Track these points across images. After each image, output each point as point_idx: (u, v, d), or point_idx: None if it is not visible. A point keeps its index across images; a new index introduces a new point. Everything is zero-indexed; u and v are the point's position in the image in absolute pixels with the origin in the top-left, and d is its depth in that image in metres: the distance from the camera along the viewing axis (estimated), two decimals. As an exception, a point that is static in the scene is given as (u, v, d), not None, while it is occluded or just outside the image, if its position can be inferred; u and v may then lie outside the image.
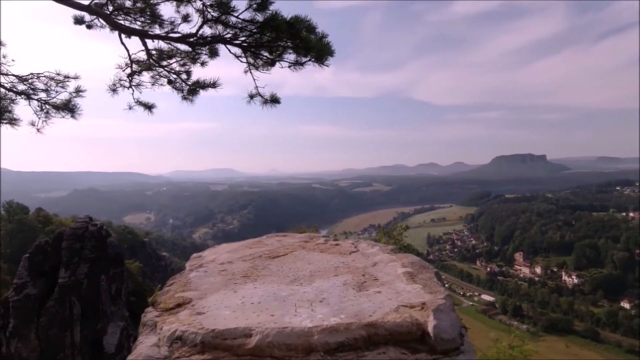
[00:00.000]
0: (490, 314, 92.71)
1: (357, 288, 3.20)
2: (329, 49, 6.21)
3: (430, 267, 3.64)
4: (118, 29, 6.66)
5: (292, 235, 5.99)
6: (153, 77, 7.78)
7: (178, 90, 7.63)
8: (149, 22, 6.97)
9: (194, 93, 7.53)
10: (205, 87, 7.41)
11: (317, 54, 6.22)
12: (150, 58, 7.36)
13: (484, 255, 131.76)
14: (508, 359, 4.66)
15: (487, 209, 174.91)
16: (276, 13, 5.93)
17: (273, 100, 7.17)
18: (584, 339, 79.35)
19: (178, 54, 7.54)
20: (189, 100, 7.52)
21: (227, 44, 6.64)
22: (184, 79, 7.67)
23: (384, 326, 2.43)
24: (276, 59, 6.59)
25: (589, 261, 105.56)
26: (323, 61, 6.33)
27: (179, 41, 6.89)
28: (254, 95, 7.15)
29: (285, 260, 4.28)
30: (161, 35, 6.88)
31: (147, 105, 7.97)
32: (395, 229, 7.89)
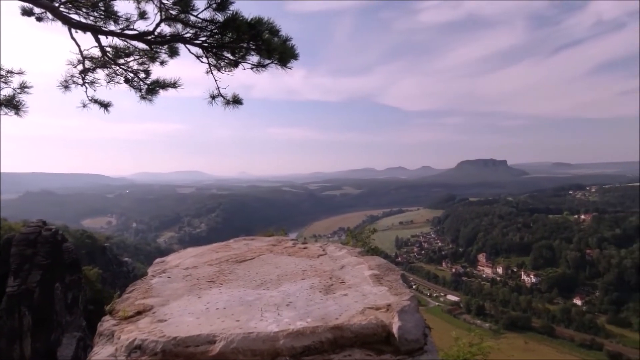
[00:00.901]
0: (455, 313, 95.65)
1: (324, 291, 3.20)
2: (293, 51, 6.23)
3: (396, 269, 3.71)
4: (67, 23, 6.29)
5: (260, 238, 5.93)
6: (109, 74, 7.48)
7: (136, 89, 7.37)
8: (102, 17, 6.66)
9: (153, 93, 7.30)
10: (165, 87, 7.21)
11: (280, 56, 6.21)
12: (104, 55, 7.04)
13: (449, 256, 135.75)
14: (467, 357, 4.85)
15: (452, 211, 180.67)
16: (236, 13, 5.86)
17: (235, 101, 7.09)
18: (541, 335, 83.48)
19: (136, 52, 7.27)
20: (147, 99, 7.29)
21: (187, 43, 6.48)
22: (142, 77, 7.42)
23: (349, 328, 2.44)
24: (239, 60, 6.53)
25: (546, 261, 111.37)
26: (286, 64, 6.35)
27: (135, 39, 6.62)
28: (216, 96, 7.05)
29: (253, 264, 4.22)
30: (115, 32, 6.58)
31: (102, 103, 7.65)
32: (363, 232, 7.99)
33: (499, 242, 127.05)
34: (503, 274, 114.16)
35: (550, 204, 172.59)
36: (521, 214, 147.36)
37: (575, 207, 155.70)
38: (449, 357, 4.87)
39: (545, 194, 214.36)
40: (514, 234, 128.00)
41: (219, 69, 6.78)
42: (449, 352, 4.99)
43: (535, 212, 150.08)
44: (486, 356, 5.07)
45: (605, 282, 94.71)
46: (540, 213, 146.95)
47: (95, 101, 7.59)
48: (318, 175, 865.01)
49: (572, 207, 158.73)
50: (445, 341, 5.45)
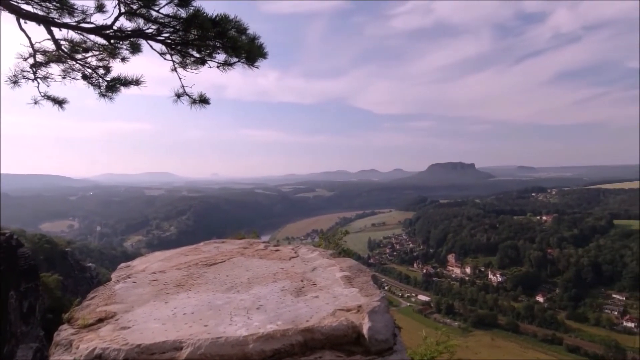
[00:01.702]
0: (426, 313, 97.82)
1: (295, 293, 3.18)
2: (261, 50, 6.18)
3: (367, 271, 3.74)
4: (15, 13, 5.86)
5: (232, 241, 5.82)
6: (65, 70, 7.06)
7: (95, 86, 7.00)
8: (56, 8, 6.22)
9: (113, 90, 6.96)
10: (127, 85, 6.87)
11: (247, 55, 6.13)
12: (59, 49, 6.64)
13: (420, 257, 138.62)
14: (434, 355, 4.97)
15: (423, 213, 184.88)
16: (199, 10, 5.71)
17: (202, 100, 6.93)
18: (507, 332, 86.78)
19: (95, 47, 6.91)
20: (107, 97, 6.96)
21: (149, 39, 6.24)
22: (102, 74, 7.06)
23: (320, 330, 2.44)
24: (206, 58, 6.39)
25: (511, 260, 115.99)
26: (254, 63, 6.29)
27: (92, 32, 6.29)
28: (181, 95, 6.86)
29: (223, 267, 4.14)
30: (70, 25, 6.20)
31: (56, 100, 7.22)
32: (336, 234, 8.02)
33: (468, 243, 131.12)
34: (471, 274, 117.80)
35: (515, 205, 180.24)
36: (488, 216, 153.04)
37: (537, 209, 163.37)
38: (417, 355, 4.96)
39: (510, 196, 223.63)
40: (482, 234, 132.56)
41: (185, 67, 6.60)
42: (416, 350, 5.09)
43: (501, 213, 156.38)
44: (452, 354, 5.22)
45: (564, 279, 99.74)
46: (506, 214, 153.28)
47: (49, 97, 7.14)
48: (291, 178, 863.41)
49: (535, 208, 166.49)
50: (415, 340, 5.56)
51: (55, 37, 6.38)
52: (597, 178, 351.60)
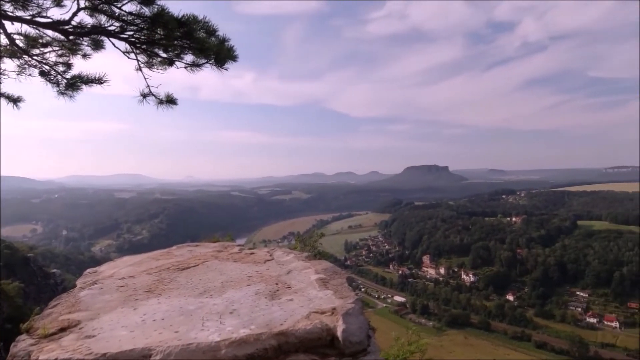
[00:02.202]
0: (402, 313, 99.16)
1: (269, 297, 3.15)
2: (230, 52, 6.10)
3: (342, 273, 3.75)
4: None
5: (206, 244, 5.71)
6: (20, 66, 6.64)
7: (53, 83, 6.63)
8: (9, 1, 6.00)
9: (73, 88, 6.59)
10: (89, 83, 6.52)
11: (216, 56, 6.03)
12: (13, 44, 6.25)
13: (396, 259, 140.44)
14: (406, 355, 5.05)
15: (399, 215, 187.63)
16: (163, 9, 5.53)
17: (169, 101, 6.75)
18: (479, 330, 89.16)
19: (55, 43, 6.57)
20: (67, 95, 6.59)
21: (112, 37, 6.00)
22: (61, 71, 6.71)
23: (294, 334, 2.42)
24: (174, 58, 6.24)
25: (483, 261, 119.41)
26: (223, 64, 6.21)
27: (48, 27, 5.96)
28: (147, 95, 6.67)
29: (196, 271, 4.04)
30: (24, 19, 5.83)
31: (11, 97, 6.81)
32: (311, 237, 8.01)
33: (442, 244, 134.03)
34: (445, 274, 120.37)
35: (487, 207, 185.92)
36: (461, 217, 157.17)
37: (507, 211, 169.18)
38: (389, 356, 5.02)
39: (482, 198, 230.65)
40: (455, 236, 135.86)
41: (151, 67, 6.40)
42: (389, 351, 5.14)
43: (473, 215, 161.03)
44: (423, 353, 5.32)
45: (532, 278, 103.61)
46: (478, 216, 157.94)
47: (2, 95, 6.74)
48: (268, 180, 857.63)
49: (505, 210, 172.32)
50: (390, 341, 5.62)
51: (7, 31, 6.01)
52: (562, 181, 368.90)
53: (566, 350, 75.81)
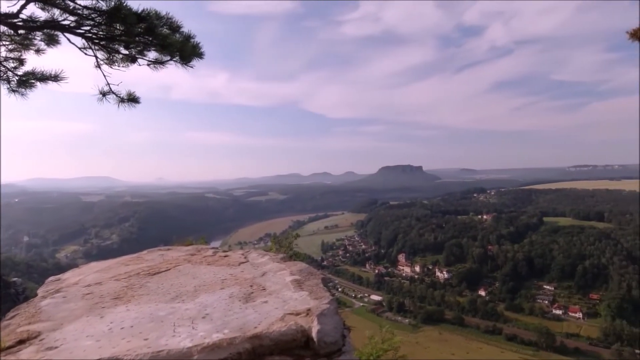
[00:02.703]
0: (379, 312, 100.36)
1: (244, 300, 3.10)
2: (196, 49, 5.94)
3: (317, 273, 3.74)
4: None
5: (178, 248, 5.57)
6: None
7: (3, 80, 6.21)
8: None
9: (26, 85, 6.20)
10: (44, 80, 6.15)
11: (181, 53, 5.87)
12: None
13: (372, 258, 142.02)
14: (380, 354, 5.11)
15: (374, 215, 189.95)
16: (121, 3, 5.29)
17: (131, 99, 6.48)
18: (453, 326, 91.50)
19: (4, 37, 6.13)
20: (19, 93, 6.17)
21: (67, 32, 5.67)
22: (12, 67, 6.29)
23: (269, 336, 2.39)
24: (136, 55, 6.01)
25: (456, 258, 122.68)
26: (188, 62, 6.06)
27: None
28: (107, 93, 6.39)
29: (167, 276, 3.93)
30: None
31: None
32: (287, 238, 7.96)
33: (417, 243, 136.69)
34: (420, 272, 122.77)
35: (459, 206, 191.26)
36: (435, 216, 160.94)
37: (479, 209, 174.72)
38: (363, 355, 5.07)
39: (455, 197, 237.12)
40: (429, 234, 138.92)
41: (112, 64, 6.12)
42: (363, 350, 5.19)
43: (446, 213, 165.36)
44: (397, 351, 5.41)
45: (503, 273, 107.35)
46: (451, 215, 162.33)
47: None
48: (243, 181, 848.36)
49: (477, 208, 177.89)
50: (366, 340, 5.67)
51: None
52: (529, 179, 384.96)
53: (534, 341, 79.06)
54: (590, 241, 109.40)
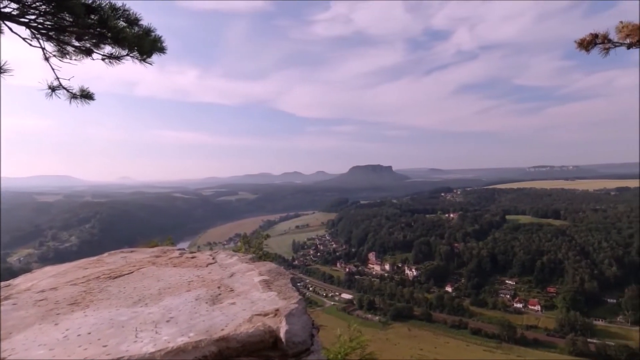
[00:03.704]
0: (349, 310, 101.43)
1: (211, 302, 3.02)
2: (156, 44, 5.66)
3: (286, 273, 3.71)
4: None
5: (142, 250, 5.36)
6: None
7: None
8: None
9: None
10: None
11: (139, 48, 5.58)
12: None
13: (343, 257, 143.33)
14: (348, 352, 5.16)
15: (345, 214, 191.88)
16: None
17: (85, 95, 6.10)
18: (422, 322, 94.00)
19: None
20: None
21: (7, 20, 5.17)
22: None
23: (236, 338, 2.34)
24: (91, 48, 5.65)
25: (424, 255, 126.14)
26: (148, 57, 5.80)
27: None
28: (56, 88, 6.00)
29: (130, 279, 3.76)
30: None
31: None
32: (257, 238, 7.87)
33: (386, 241, 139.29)
34: (390, 270, 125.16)
35: (427, 205, 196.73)
36: (404, 215, 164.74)
37: (446, 208, 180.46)
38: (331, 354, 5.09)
39: (423, 196, 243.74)
40: (399, 232, 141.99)
41: (64, 57, 5.74)
42: (331, 349, 5.22)
43: (415, 212, 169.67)
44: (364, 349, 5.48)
45: (468, 270, 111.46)
46: (420, 213, 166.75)
47: None
48: (212, 181, 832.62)
49: (444, 207, 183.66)
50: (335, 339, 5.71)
51: None
52: (493, 179, 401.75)
53: (497, 334, 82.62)
54: (548, 238, 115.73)
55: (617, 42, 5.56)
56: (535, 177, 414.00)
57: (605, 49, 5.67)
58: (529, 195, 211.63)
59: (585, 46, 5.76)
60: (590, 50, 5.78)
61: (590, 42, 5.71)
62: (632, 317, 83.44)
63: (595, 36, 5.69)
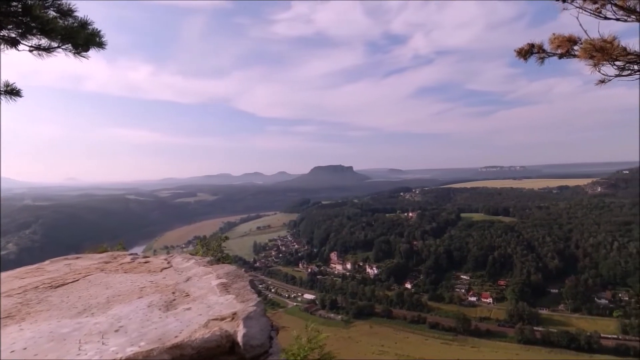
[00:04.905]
0: (312, 310, 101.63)
1: (164, 308, 2.88)
2: (93, 38, 5.33)
3: (245, 276, 3.62)
4: None
5: (90, 256, 5.02)
6: None
7: None
8: None
9: None
10: None
11: (73, 41, 5.22)
12: None
13: (305, 257, 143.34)
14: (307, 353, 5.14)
15: (307, 214, 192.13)
16: None
17: (10, 92, 5.60)
18: (383, 318, 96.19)
19: None
20: None
21: None
22: None
23: (190, 345, 2.24)
24: (18, 38, 5.17)
25: (384, 254, 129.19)
26: (80, 51, 5.43)
27: None
28: None
29: (74, 287, 3.50)
30: None
31: None
32: (215, 240, 7.63)
33: (348, 241, 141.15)
34: (352, 269, 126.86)
35: (387, 204, 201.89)
36: (365, 214, 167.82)
37: (405, 207, 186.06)
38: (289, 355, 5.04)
39: (383, 195, 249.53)
40: (360, 232, 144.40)
41: None
42: (290, 349, 5.17)
43: (376, 212, 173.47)
44: (322, 349, 5.48)
45: (426, 267, 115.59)
46: (380, 213, 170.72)
47: None
48: (170, 181, 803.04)
49: (403, 206, 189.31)
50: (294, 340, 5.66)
51: None
52: (449, 179, 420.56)
53: (453, 327, 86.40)
54: (498, 234, 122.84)
55: (550, 52, 6.05)
56: (487, 176, 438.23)
57: (541, 58, 6.14)
58: (482, 194, 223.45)
59: (523, 55, 6.20)
60: (527, 59, 6.23)
61: (527, 51, 6.16)
62: (572, 305, 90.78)
63: (532, 46, 6.15)
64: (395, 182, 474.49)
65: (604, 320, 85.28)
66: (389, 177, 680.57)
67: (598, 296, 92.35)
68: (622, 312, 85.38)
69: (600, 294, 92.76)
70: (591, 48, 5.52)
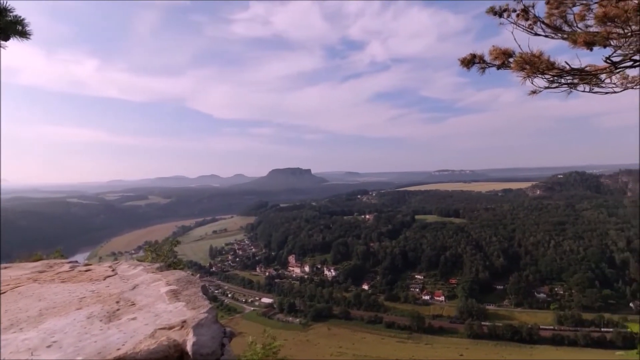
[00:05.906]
0: (270, 314, 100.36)
1: (106, 319, 2.67)
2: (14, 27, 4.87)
3: (197, 281, 3.46)
4: None
5: (22, 265, 4.58)
6: None
7: None
8: None
9: None
10: None
11: None
12: None
13: (263, 261, 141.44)
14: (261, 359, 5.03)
15: (264, 217, 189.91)
16: None
17: None
18: (341, 320, 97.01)
19: None
20: None
21: None
22: None
23: (134, 357, 2.09)
24: None
25: (342, 256, 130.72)
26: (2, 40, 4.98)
27: None
28: None
29: (2, 301, 3.16)
30: None
31: None
32: (165, 245, 7.26)
33: (306, 243, 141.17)
34: (310, 272, 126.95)
35: (345, 206, 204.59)
36: (323, 217, 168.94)
37: (362, 209, 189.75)
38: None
39: (341, 198, 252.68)
40: (318, 234, 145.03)
41: None
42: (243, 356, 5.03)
43: (333, 214, 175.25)
44: (276, 354, 5.40)
45: (383, 267, 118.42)
46: (338, 215, 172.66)
47: None
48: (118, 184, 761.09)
49: (360, 208, 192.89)
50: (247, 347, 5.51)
51: None
52: (404, 182, 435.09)
53: (408, 325, 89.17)
54: (450, 235, 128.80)
55: (490, 63, 6.49)
56: (439, 180, 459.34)
57: (482, 68, 6.56)
58: (434, 197, 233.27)
59: (466, 64, 6.60)
60: (470, 68, 6.63)
61: (470, 61, 6.56)
62: (515, 300, 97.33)
63: (474, 56, 6.56)
64: (352, 184, 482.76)
65: (542, 312, 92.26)
66: (347, 180, 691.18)
67: (537, 291, 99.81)
68: (558, 305, 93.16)
69: (540, 289, 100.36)
70: (522, 61, 6.00)
